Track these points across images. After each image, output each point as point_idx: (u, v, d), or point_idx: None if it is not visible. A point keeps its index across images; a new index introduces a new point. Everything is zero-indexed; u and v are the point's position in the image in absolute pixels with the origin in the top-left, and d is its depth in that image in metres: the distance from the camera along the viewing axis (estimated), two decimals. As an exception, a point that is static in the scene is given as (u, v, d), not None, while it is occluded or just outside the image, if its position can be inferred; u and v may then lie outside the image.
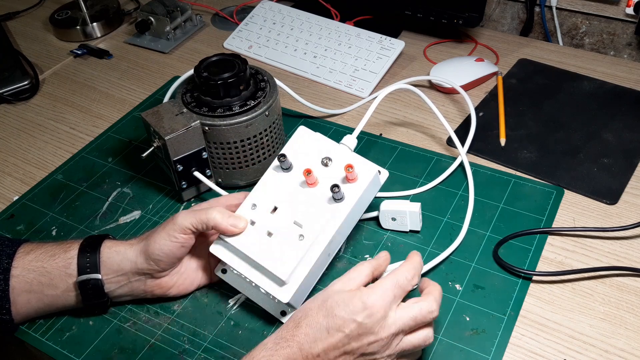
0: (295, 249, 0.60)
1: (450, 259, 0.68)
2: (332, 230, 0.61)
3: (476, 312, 0.63)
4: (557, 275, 0.65)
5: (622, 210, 0.73)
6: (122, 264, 0.61)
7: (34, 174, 0.84)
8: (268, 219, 0.62)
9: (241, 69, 0.72)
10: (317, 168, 0.64)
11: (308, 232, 0.60)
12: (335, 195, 0.61)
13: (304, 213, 0.61)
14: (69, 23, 1.13)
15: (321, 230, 0.61)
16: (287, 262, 0.59)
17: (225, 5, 1.20)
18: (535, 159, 0.80)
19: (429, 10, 1.01)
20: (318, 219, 0.61)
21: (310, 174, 0.61)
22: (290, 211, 0.62)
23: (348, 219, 0.62)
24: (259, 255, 0.60)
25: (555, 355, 0.59)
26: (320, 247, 0.61)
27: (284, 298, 0.59)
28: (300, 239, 0.60)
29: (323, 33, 1.03)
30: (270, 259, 0.60)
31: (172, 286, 0.64)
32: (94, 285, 0.61)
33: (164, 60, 1.06)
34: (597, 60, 0.99)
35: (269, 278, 0.60)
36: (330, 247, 0.62)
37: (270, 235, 0.61)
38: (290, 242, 0.60)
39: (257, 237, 0.61)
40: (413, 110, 0.91)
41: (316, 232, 0.60)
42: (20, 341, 0.64)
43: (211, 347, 0.61)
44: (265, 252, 0.60)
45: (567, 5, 1.05)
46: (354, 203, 0.62)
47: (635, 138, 0.82)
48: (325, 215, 0.61)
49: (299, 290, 0.60)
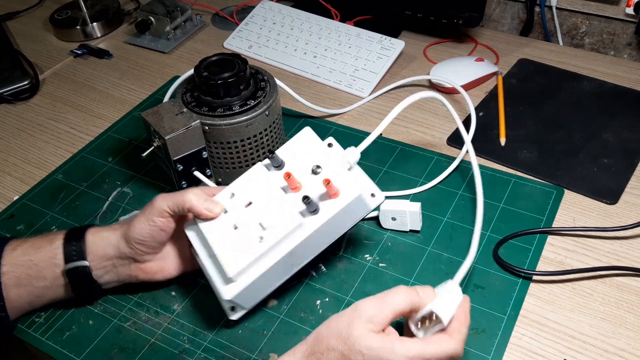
0: (251, 250, 0.58)
1: (451, 258, 0.68)
2: (295, 241, 0.58)
3: (476, 312, 0.63)
4: (557, 275, 0.65)
5: (622, 210, 0.73)
6: (106, 249, 0.61)
7: (34, 173, 0.84)
8: (239, 212, 0.61)
9: (241, 68, 0.72)
10: (306, 174, 0.62)
11: (268, 236, 0.58)
12: (307, 207, 0.58)
13: (271, 216, 0.59)
14: (69, 23, 1.13)
15: (283, 238, 0.58)
16: (239, 261, 0.58)
17: (225, 5, 1.20)
18: (535, 159, 0.80)
19: (429, 10, 1.01)
20: (284, 225, 0.58)
21: (290, 177, 0.60)
22: (261, 210, 0.60)
23: (318, 234, 0.59)
24: (218, 245, 0.59)
25: (556, 355, 0.59)
26: (279, 254, 0.58)
27: (225, 295, 0.58)
28: (260, 241, 0.58)
29: (323, 33, 1.03)
30: (225, 252, 0.59)
31: (157, 271, 0.64)
32: (82, 273, 0.61)
33: (164, 60, 1.06)
34: (597, 60, 0.99)
35: (219, 271, 0.59)
36: (293, 259, 0.60)
37: (235, 229, 0.60)
38: (249, 242, 0.59)
39: (223, 227, 0.60)
40: (413, 110, 0.91)
41: (277, 238, 0.58)
42: (20, 341, 0.64)
43: (211, 346, 0.61)
44: (224, 244, 0.59)
45: (567, 5, 1.05)
46: (326, 219, 0.58)
47: (635, 138, 0.82)
48: (293, 223, 0.58)
49: (245, 291, 0.58)
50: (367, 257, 0.69)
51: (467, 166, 0.80)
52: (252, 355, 0.60)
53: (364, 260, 0.69)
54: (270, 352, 0.60)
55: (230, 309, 0.61)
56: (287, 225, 0.58)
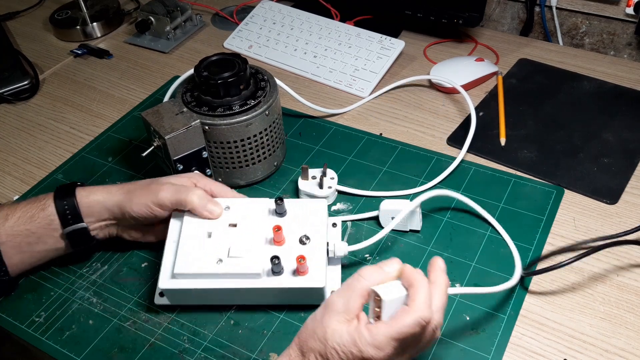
0: (205, 265, 0.60)
1: (451, 258, 0.68)
2: (243, 284, 0.60)
3: (476, 312, 0.63)
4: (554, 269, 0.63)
5: (622, 210, 0.73)
6: (101, 213, 0.65)
7: (34, 173, 0.84)
8: (221, 226, 0.63)
9: (241, 68, 0.72)
10: (295, 237, 0.63)
11: (226, 264, 0.60)
12: (273, 266, 0.59)
13: (241, 250, 0.61)
14: (69, 23, 1.13)
15: (236, 275, 0.60)
16: (190, 266, 0.60)
17: (225, 5, 1.20)
18: (535, 159, 0.80)
19: (429, 10, 1.01)
20: (244, 265, 0.60)
21: (278, 231, 0.61)
22: (237, 237, 0.62)
23: (267, 292, 0.61)
24: (184, 243, 0.62)
25: (556, 355, 0.59)
26: (222, 284, 0.60)
27: (160, 284, 0.61)
28: (217, 263, 0.60)
29: (323, 33, 1.03)
30: (185, 252, 0.61)
31: (140, 237, 0.68)
32: (81, 234, 0.65)
33: (164, 60, 1.06)
34: (597, 60, 0.99)
35: (171, 263, 0.61)
36: (233, 296, 0.62)
37: (208, 237, 0.62)
38: (209, 257, 0.61)
39: (200, 231, 0.63)
40: (413, 110, 0.91)
41: (231, 270, 0.60)
42: (20, 341, 0.64)
43: (211, 346, 0.61)
44: (189, 245, 0.62)
45: (567, 5, 1.05)
46: (279, 286, 0.60)
47: (635, 138, 0.82)
48: (251, 269, 0.60)
49: (177, 292, 0.61)
50: (367, 256, 0.69)
51: (467, 166, 0.80)
52: (252, 355, 0.60)
53: (364, 260, 0.69)
54: (270, 352, 0.60)
55: (160, 294, 0.65)
56: (246, 267, 0.60)
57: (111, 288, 0.67)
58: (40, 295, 0.67)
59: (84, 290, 0.67)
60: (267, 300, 0.64)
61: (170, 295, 0.63)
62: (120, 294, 0.67)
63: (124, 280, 0.68)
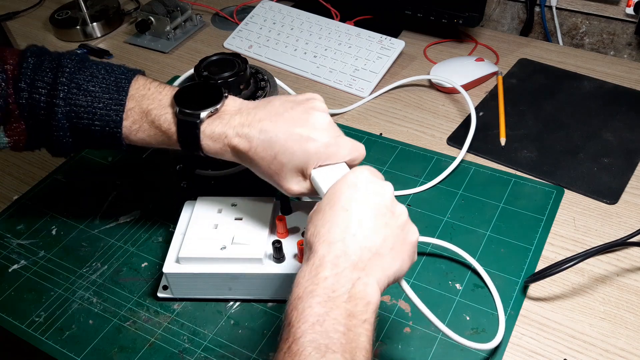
0: (209, 249, 0.61)
1: (451, 258, 0.68)
2: (245, 269, 0.61)
3: (476, 312, 0.63)
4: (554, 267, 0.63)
5: (622, 210, 0.73)
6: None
7: (34, 173, 0.84)
8: (227, 219, 0.64)
9: (241, 68, 0.72)
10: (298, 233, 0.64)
11: (229, 250, 0.61)
12: (274, 251, 0.60)
13: (244, 238, 0.62)
14: (69, 23, 1.13)
15: (238, 260, 0.61)
16: (194, 250, 0.61)
17: (225, 5, 1.20)
18: (535, 159, 0.80)
19: (429, 10, 1.01)
20: (246, 250, 0.61)
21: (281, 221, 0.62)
22: (241, 228, 0.63)
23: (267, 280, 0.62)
24: (191, 230, 0.63)
25: (556, 355, 0.59)
26: (224, 269, 0.61)
27: (165, 268, 0.62)
28: (220, 249, 0.61)
29: (323, 33, 1.03)
30: (191, 238, 0.62)
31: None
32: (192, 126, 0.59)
33: (164, 60, 1.06)
34: (597, 60, 0.99)
35: (176, 251, 0.62)
36: (232, 283, 0.63)
37: (214, 228, 0.63)
38: (213, 243, 0.62)
39: (207, 222, 0.64)
40: (413, 109, 0.91)
41: (233, 255, 0.61)
42: (20, 341, 0.64)
43: (211, 346, 0.61)
44: (196, 232, 0.63)
45: (567, 5, 1.05)
46: (281, 272, 0.61)
47: (635, 138, 0.82)
48: (253, 254, 0.61)
49: (181, 277, 0.62)
50: (367, 256, 0.69)
51: (467, 166, 0.80)
52: (252, 355, 0.60)
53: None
54: (270, 352, 0.60)
55: (163, 287, 0.65)
56: (248, 252, 0.61)
57: (111, 288, 0.68)
58: (40, 295, 0.67)
59: (83, 290, 0.67)
60: (268, 291, 0.64)
61: (174, 283, 0.63)
62: (120, 294, 0.67)
63: (124, 280, 0.68)
